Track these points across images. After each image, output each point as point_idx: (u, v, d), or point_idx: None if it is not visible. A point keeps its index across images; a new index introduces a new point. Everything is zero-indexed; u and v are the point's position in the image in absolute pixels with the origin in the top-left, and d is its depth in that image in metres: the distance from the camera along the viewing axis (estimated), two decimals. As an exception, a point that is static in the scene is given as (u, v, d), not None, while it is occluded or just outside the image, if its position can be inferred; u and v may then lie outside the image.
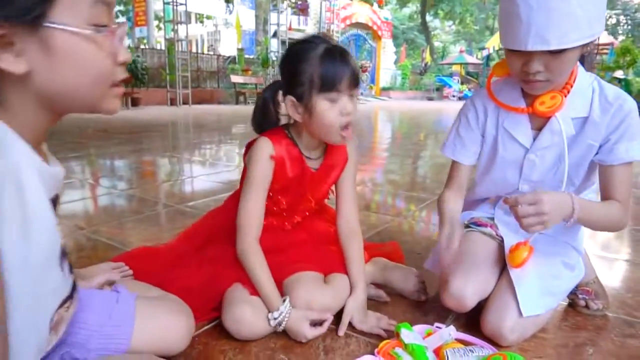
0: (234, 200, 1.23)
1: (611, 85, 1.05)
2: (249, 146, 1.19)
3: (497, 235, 1.20)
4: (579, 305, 1.23)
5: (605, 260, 1.64)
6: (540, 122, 1.09)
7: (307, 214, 1.33)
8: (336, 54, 1.07)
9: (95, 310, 0.83)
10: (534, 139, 1.10)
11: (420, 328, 1.05)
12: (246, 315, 1.03)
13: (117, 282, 0.99)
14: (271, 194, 1.20)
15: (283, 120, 1.21)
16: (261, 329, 1.05)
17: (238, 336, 1.04)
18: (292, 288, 1.10)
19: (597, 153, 1.06)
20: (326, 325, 1.07)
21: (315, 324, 1.07)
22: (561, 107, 1.02)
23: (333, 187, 1.30)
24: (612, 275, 1.51)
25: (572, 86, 1.03)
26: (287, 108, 1.12)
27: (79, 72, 0.54)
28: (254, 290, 1.09)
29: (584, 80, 1.05)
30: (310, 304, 1.07)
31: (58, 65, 0.52)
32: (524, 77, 0.99)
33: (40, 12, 0.49)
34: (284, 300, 1.06)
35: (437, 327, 1.06)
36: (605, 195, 1.06)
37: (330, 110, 1.08)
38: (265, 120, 1.19)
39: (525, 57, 0.95)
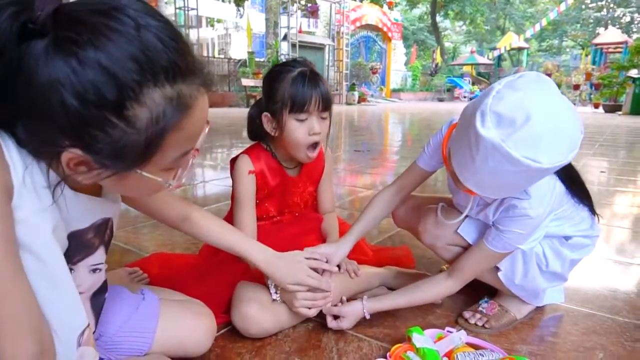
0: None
1: (527, 194, 0.98)
2: (233, 162, 1.31)
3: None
4: (470, 310, 1.22)
5: (619, 264, 1.64)
6: None
7: (297, 214, 1.44)
8: (307, 77, 1.17)
9: (124, 303, 0.87)
10: None
11: (431, 332, 1.07)
12: (253, 312, 1.07)
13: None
14: (257, 201, 1.32)
15: None
16: (269, 326, 1.09)
17: (247, 334, 1.08)
18: None
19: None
20: (320, 302, 1.11)
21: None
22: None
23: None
24: (625, 279, 1.51)
25: None
26: (264, 122, 1.24)
27: (139, 192, 0.65)
28: (259, 279, 1.16)
29: None
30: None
31: (123, 186, 0.61)
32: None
33: (136, 167, 0.57)
34: None
35: (448, 331, 1.08)
36: (458, 264, 1.12)
37: (298, 129, 1.19)
38: (254, 132, 1.32)
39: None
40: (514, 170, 0.81)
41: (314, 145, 1.23)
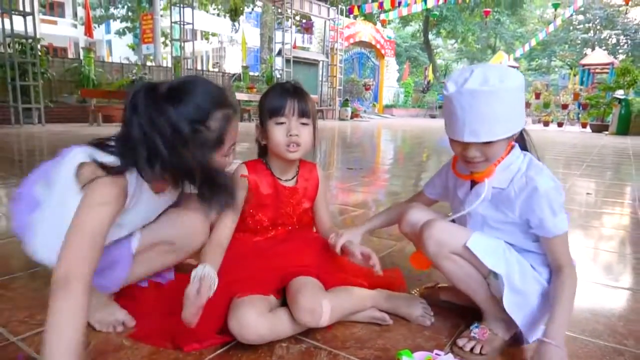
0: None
1: (537, 166, 1.18)
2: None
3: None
4: (463, 337, 1.24)
5: (603, 287, 1.69)
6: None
7: (290, 228, 1.48)
8: (286, 88, 1.35)
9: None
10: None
11: (420, 355, 1.10)
12: (249, 318, 1.10)
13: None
14: (251, 211, 1.39)
15: None
16: (265, 333, 1.12)
17: (243, 340, 1.11)
18: (298, 290, 1.20)
19: (532, 228, 1.18)
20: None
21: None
22: (490, 174, 1.19)
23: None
24: (606, 303, 1.56)
25: (503, 159, 1.19)
26: (257, 134, 1.41)
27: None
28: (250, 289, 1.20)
29: (514, 158, 1.20)
30: (314, 308, 1.16)
31: None
32: (464, 159, 1.19)
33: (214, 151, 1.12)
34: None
35: (436, 354, 1.11)
36: (554, 262, 1.19)
37: (278, 131, 1.33)
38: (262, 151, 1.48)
39: (463, 145, 1.15)
40: (464, 102, 1.08)
41: (293, 144, 1.34)
